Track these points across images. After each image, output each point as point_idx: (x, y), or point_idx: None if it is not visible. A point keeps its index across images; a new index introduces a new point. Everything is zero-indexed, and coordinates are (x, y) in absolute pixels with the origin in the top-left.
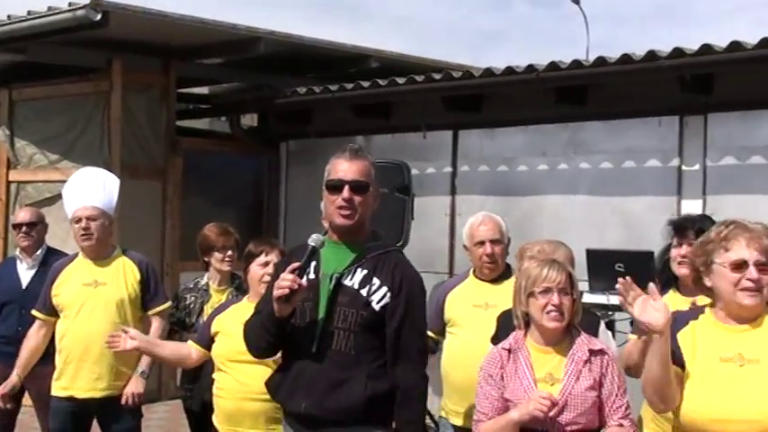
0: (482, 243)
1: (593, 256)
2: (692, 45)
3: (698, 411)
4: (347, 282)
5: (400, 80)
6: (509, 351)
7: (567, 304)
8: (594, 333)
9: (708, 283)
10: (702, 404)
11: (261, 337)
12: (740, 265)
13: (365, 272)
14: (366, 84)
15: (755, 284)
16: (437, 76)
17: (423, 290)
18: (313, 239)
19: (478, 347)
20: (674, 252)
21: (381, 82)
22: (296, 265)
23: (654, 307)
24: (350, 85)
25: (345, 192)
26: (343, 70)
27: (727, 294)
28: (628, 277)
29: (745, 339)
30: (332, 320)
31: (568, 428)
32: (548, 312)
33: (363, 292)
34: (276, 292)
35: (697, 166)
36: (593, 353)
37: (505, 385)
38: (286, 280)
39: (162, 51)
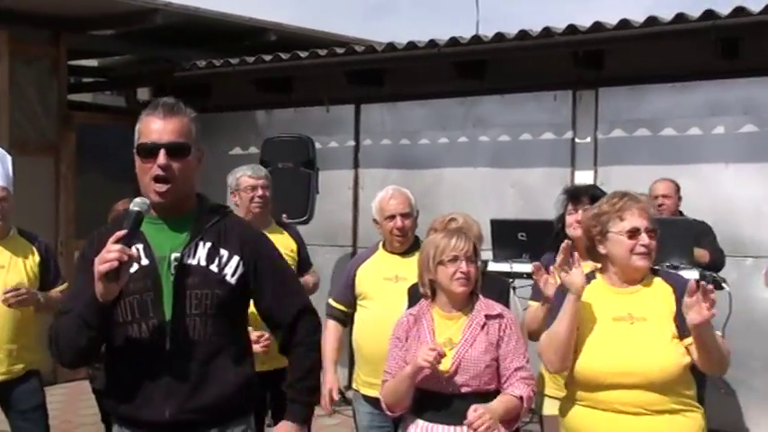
0: (392, 217)
1: (496, 226)
2: (579, 19)
3: (594, 367)
4: (191, 261)
5: (302, 54)
6: (415, 317)
7: (473, 271)
8: (506, 298)
9: (602, 250)
10: (598, 360)
11: (78, 335)
12: (634, 233)
13: (209, 245)
14: (268, 58)
15: (647, 248)
16: (340, 51)
17: (273, 245)
18: (137, 204)
19: (389, 320)
20: (569, 218)
21: (283, 56)
22: (121, 233)
23: (574, 272)
24: (251, 59)
25: (161, 157)
26: (241, 43)
27: (622, 259)
28: (569, 241)
29: (634, 300)
30: (182, 309)
31: (462, 390)
32: (456, 279)
33: (213, 267)
34: (101, 267)
35: (589, 139)
36: (489, 317)
37: (409, 348)
38: (112, 251)
39: (52, 22)
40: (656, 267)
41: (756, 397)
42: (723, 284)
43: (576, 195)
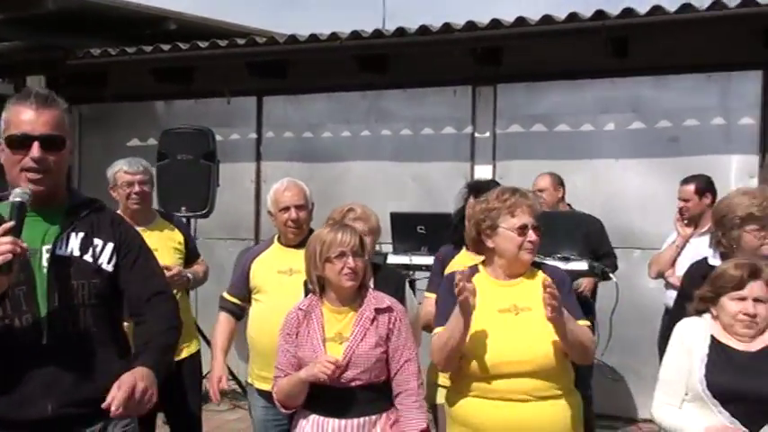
0: (287, 209)
1: (396, 219)
2: (483, 15)
3: (483, 359)
4: (63, 252)
5: (202, 44)
6: (304, 312)
7: (361, 266)
8: (402, 292)
9: (490, 244)
10: (487, 352)
11: None
12: (523, 229)
13: (82, 234)
14: (166, 47)
15: (533, 245)
16: (241, 42)
17: (142, 238)
18: (17, 194)
19: (283, 313)
20: (470, 212)
21: (182, 46)
22: (8, 225)
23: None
24: (149, 48)
25: (35, 150)
26: (141, 32)
27: (511, 254)
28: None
29: (518, 292)
30: (58, 301)
31: (353, 384)
32: (344, 274)
33: (88, 257)
34: None
35: (488, 134)
36: (379, 311)
37: (299, 344)
38: (3, 243)
39: None
40: (537, 260)
41: (644, 382)
42: (610, 275)
43: (479, 190)
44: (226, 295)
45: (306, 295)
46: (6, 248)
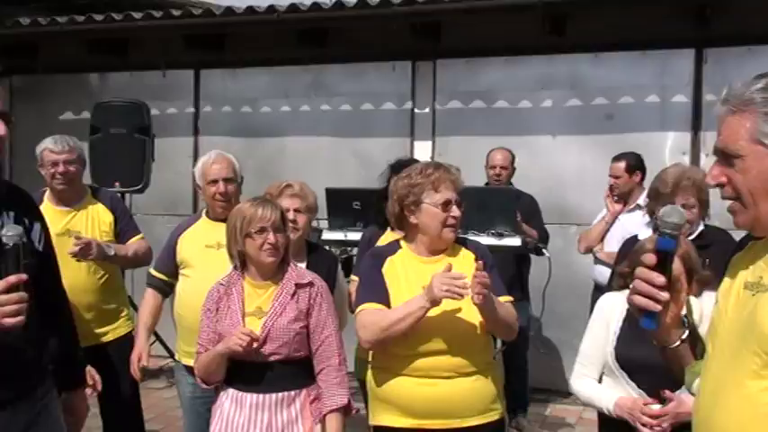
0: (215, 182)
1: (331, 194)
2: None
3: (407, 335)
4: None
5: (136, 15)
6: (225, 287)
7: (282, 241)
8: (334, 272)
9: (413, 220)
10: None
11: None
12: (447, 204)
13: (12, 214)
14: (99, 17)
15: (456, 220)
16: (176, 13)
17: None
18: (10, 237)
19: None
20: (393, 188)
21: (116, 16)
22: (13, 279)
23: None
24: (81, 18)
25: None
26: (73, 2)
27: (434, 230)
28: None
29: (441, 268)
30: None
31: (271, 358)
32: (265, 250)
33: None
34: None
35: (427, 110)
36: (300, 286)
37: (219, 319)
38: (14, 302)
39: None
40: (461, 236)
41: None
42: (543, 250)
43: (400, 169)
44: (152, 271)
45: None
46: (16, 308)
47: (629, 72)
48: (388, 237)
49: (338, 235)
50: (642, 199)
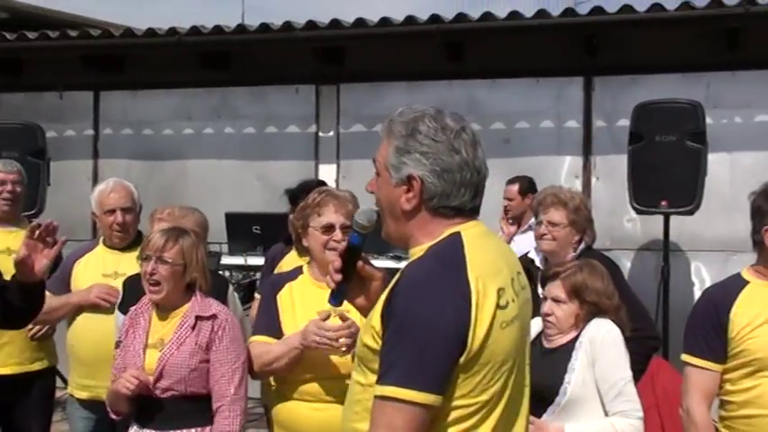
0: (112, 211)
1: (231, 219)
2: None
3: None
4: None
5: (32, 35)
6: (133, 315)
7: (163, 273)
8: (223, 296)
9: (305, 243)
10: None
11: None
12: (328, 228)
13: None
14: None
15: (338, 244)
16: (72, 33)
17: None
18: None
19: (107, 319)
20: (291, 217)
21: (9, 36)
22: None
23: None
24: None
25: None
26: None
27: (317, 253)
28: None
29: None
30: None
31: (167, 394)
32: (146, 281)
33: None
34: None
35: (331, 133)
36: (201, 318)
37: (125, 348)
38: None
39: None
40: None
41: None
42: None
43: (295, 196)
44: None
45: (123, 295)
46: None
47: (525, 98)
48: (292, 257)
49: (238, 260)
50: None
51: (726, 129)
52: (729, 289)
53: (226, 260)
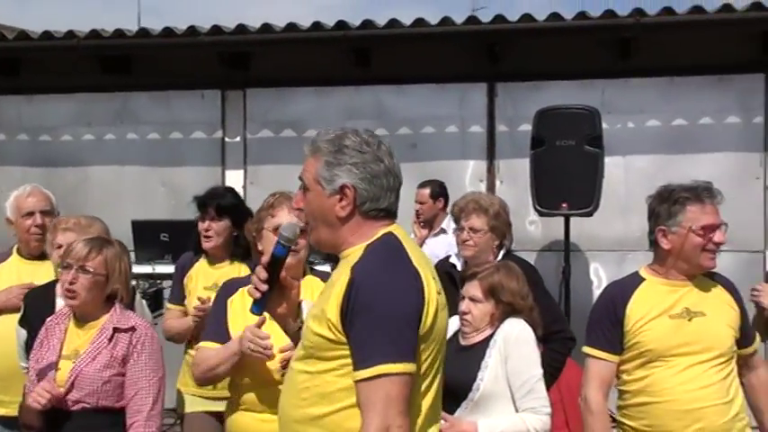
0: (31, 214)
1: (138, 226)
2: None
3: (245, 370)
4: None
5: None
6: (51, 324)
7: (84, 283)
8: (130, 305)
9: (260, 247)
10: (253, 363)
11: None
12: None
13: None
14: None
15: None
16: None
17: None
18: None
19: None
20: (200, 225)
21: None
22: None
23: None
24: None
25: None
26: None
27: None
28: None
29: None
30: None
31: (76, 407)
32: (65, 290)
33: None
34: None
35: (238, 138)
36: (119, 330)
37: (40, 358)
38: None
39: None
40: (311, 261)
41: None
42: None
43: (203, 204)
44: None
45: (25, 310)
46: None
47: (430, 104)
48: (203, 264)
49: (145, 268)
50: (446, 223)
51: (620, 133)
52: (627, 286)
53: (135, 269)
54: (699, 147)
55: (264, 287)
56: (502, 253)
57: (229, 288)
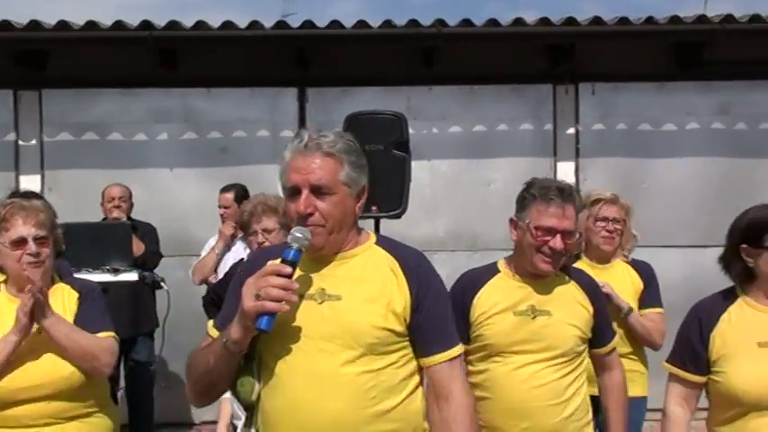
0: None
1: None
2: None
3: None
4: None
5: None
6: None
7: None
8: None
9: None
10: (12, 376)
11: None
12: (19, 243)
13: None
14: None
15: (34, 257)
16: None
17: None
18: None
19: None
20: None
21: None
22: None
23: None
24: None
25: None
26: None
27: (14, 270)
28: None
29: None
30: None
31: None
32: None
33: None
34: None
35: (34, 141)
36: None
37: None
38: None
39: None
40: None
41: None
42: (162, 284)
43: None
44: None
45: None
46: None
47: (241, 108)
48: None
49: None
50: None
51: (425, 138)
52: (479, 276)
53: None
54: (496, 151)
55: (295, 298)
56: None
57: None
